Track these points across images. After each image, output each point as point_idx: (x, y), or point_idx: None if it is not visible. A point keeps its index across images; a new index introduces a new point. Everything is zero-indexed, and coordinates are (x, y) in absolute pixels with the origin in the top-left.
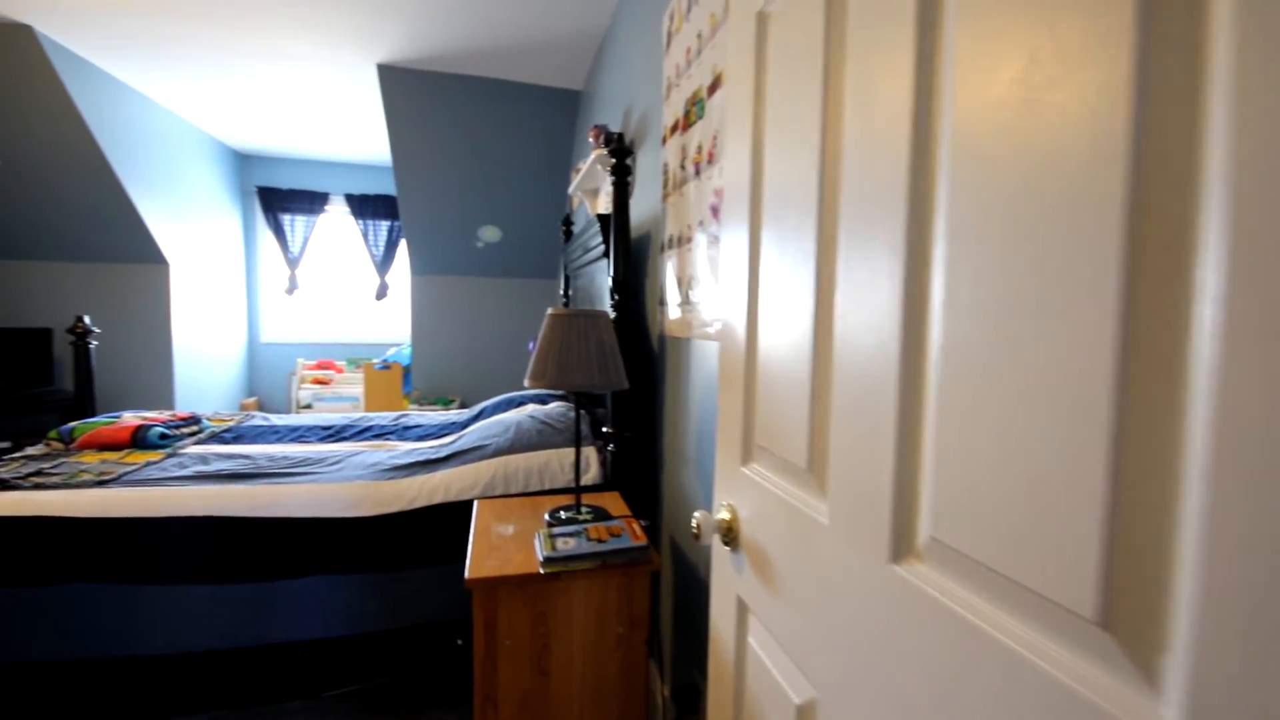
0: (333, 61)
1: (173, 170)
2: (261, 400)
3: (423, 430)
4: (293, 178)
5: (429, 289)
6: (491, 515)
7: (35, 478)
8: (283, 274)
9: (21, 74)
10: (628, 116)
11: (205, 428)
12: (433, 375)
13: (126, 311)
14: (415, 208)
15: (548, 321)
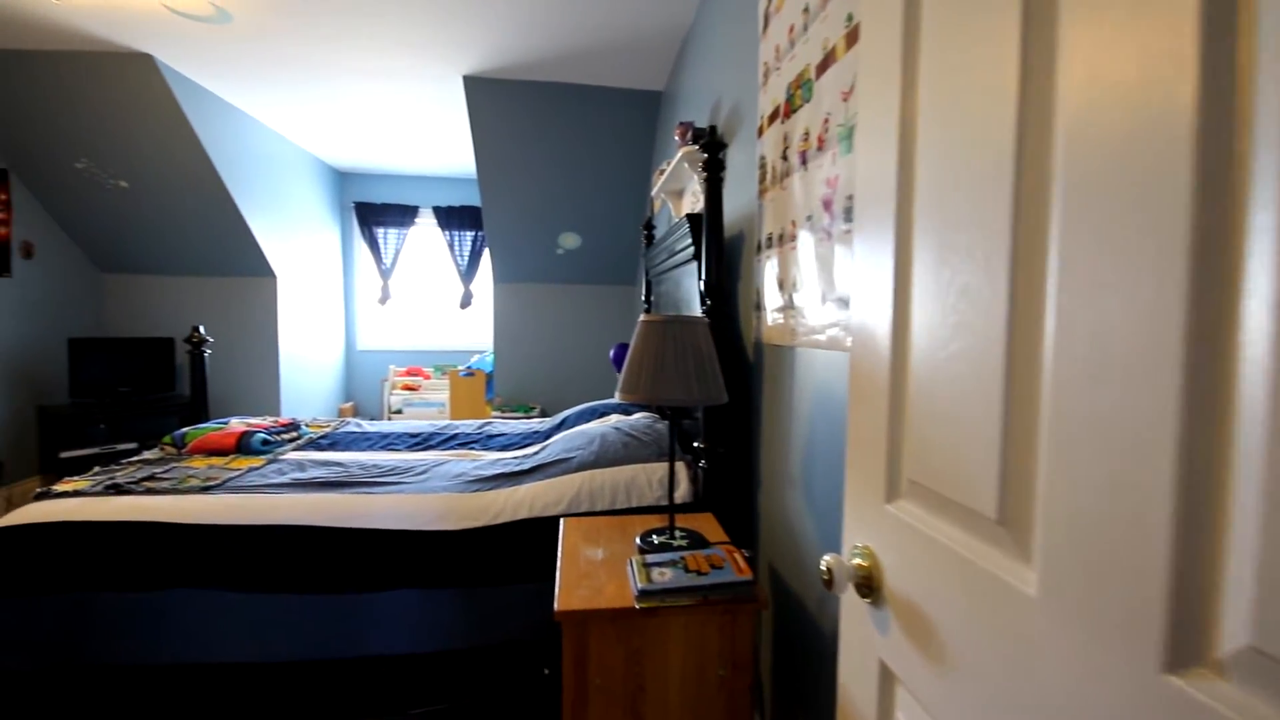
0: (422, 76)
1: (280, 188)
2: (357, 405)
3: (506, 439)
4: (386, 192)
5: (511, 296)
6: (579, 536)
7: (147, 482)
8: (376, 284)
9: (144, 100)
10: (716, 111)
11: (304, 434)
12: (514, 382)
13: (238, 322)
14: (498, 216)
15: (640, 329)
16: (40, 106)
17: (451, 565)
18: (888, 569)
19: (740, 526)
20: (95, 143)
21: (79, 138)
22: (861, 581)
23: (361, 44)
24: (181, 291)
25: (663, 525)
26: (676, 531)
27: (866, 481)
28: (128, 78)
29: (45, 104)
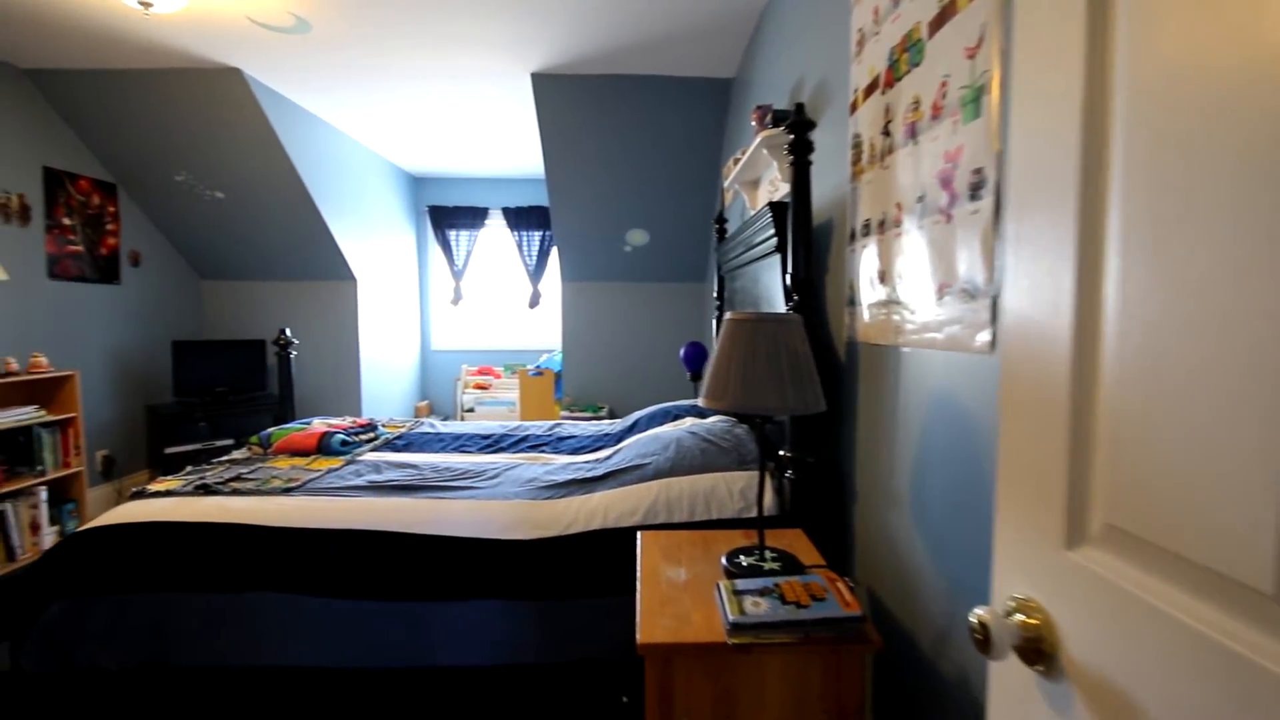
0: (492, 75)
1: (359, 194)
2: (432, 404)
3: (576, 442)
4: (457, 195)
5: (578, 295)
6: (658, 552)
7: (234, 483)
8: (449, 286)
9: (235, 113)
10: (796, 92)
11: (380, 434)
12: (582, 382)
13: (322, 324)
14: (565, 215)
15: (727, 329)
16: (144, 123)
17: (523, 576)
18: (1068, 633)
19: (832, 546)
20: (193, 156)
21: (178, 152)
22: (1028, 645)
23: (433, 46)
24: (271, 295)
25: (750, 544)
26: (767, 552)
27: (1032, 518)
28: (219, 92)
29: (148, 121)
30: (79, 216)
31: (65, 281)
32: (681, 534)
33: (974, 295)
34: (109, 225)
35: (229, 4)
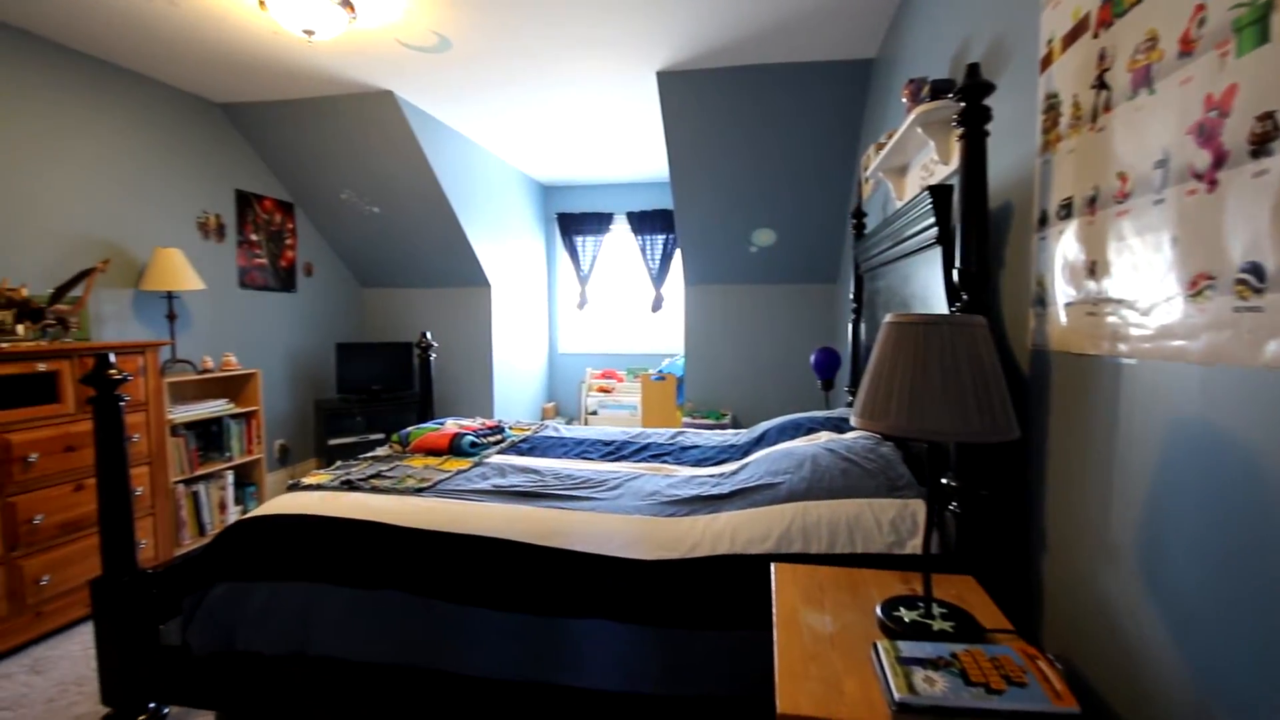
0: (617, 77)
1: (494, 205)
2: (558, 405)
3: (700, 453)
4: (583, 202)
5: (702, 298)
6: (796, 591)
7: (374, 480)
8: (575, 290)
9: (388, 133)
10: (959, 60)
11: (507, 436)
12: (705, 387)
13: (459, 328)
14: (689, 216)
15: (887, 334)
16: (314, 147)
17: (643, 598)
18: None
19: (1012, 601)
20: (354, 175)
21: (342, 171)
22: None
23: (560, 51)
24: (417, 301)
25: (911, 592)
26: (935, 606)
27: None
28: (375, 114)
29: (318, 144)
30: (264, 233)
31: (252, 290)
32: (823, 570)
33: (1262, 288)
34: (288, 240)
35: (380, 28)
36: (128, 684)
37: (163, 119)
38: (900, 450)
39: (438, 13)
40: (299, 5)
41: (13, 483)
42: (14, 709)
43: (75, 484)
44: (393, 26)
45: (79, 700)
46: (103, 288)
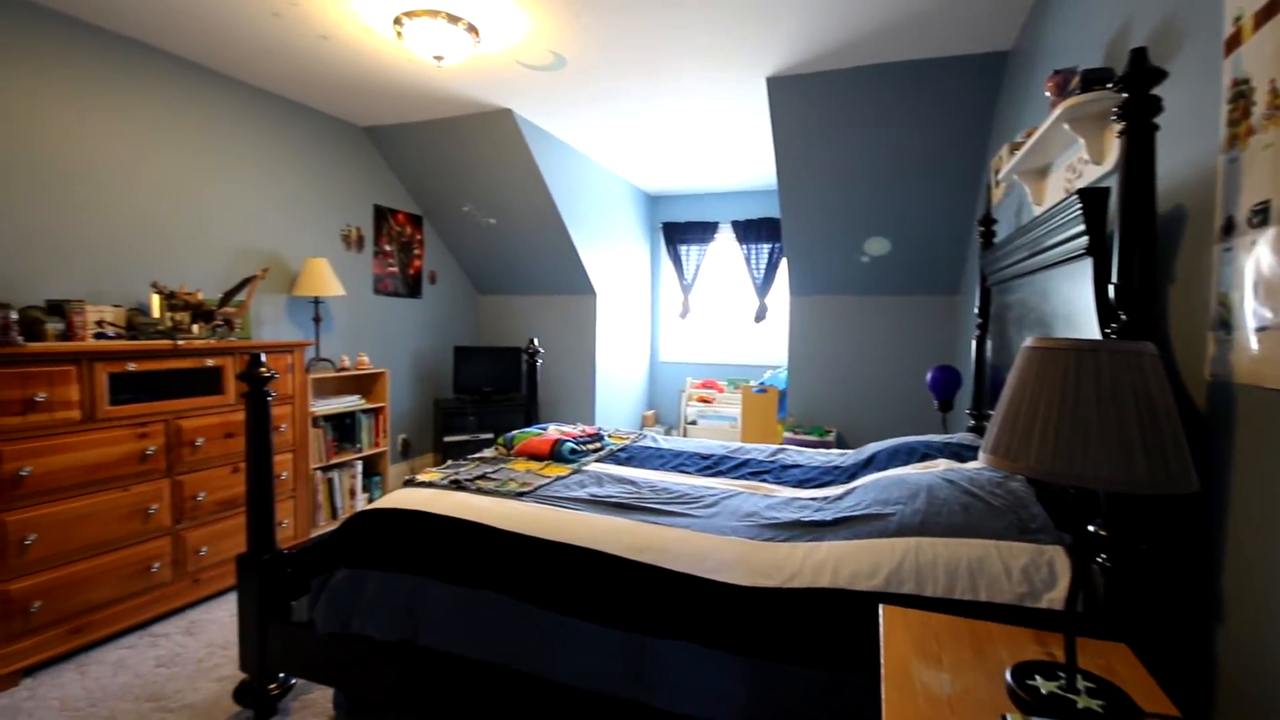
0: (724, 84)
1: (601, 214)
2: (658, 413)
3: (802, 473)
4: (688, 211)
5: (808, 310)
6: (907, 638)
7: (480, 481)
8: (677, 299)
9: (506, 149)
10: (1118, 45)
11: (606, 445)
12: (808, 401)
13: (564, 334)
14: (797, 225)
15: (1029, 360)
16: (441, 164)
17: (734, 625)
18: None
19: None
20: (475, 189)
21: (464, 186)
22: None
23: (671, 61)
24: (527, 308)
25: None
26: (1079, 676)
27: None
28: (495, 131)
29: (444, 161)
30: (396, 243)
31: (384, 296)
32: (938, 618)
33: None
34: (416, 250)
35: (501, 51)
36: (262, 654)
37: (315, 142)
38: (1032, 486)
39: (555, 32)
40: (430, 34)
41: (182, 463)
42: (169, 666)
43: (233, 467)
44: (513, 49)
45: (223, 664)
46: (262, 293)
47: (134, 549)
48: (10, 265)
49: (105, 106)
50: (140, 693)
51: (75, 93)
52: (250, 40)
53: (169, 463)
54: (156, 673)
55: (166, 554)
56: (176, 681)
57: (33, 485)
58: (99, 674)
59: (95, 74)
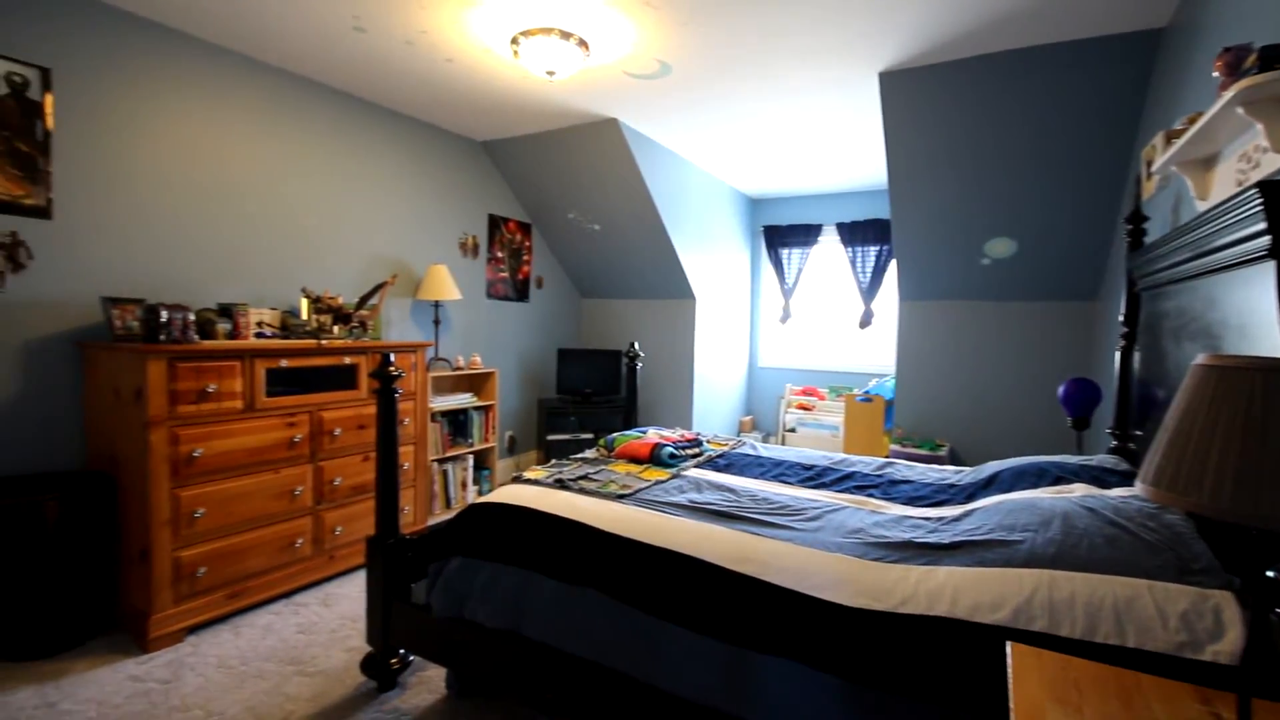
0: (832, 83)
1: (702, 219)
2: (755, 419)
3: (912, 489)
4: (791, 214)
5: (919, 315)
6: (1040, 684)
7: (582, 481)
8: (778, 304)
9: (611, 157)
10: None
11: (704, 450)
12: (918, 413)
13: (663, 338)
14: (909, 226)
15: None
16: (549, 173)
17: (839, 648)
18: None
19: None
20: (580, 196)
21: (570, 194)
22: None
23: (778, 62)
24: (627, 312)
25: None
26: None
27: None
28: (600, 141)
29: (552, 171)
30: (507, 250)
31: (495, 300)
32: (1078, 664)
33: None
34: (524, 256)
35: (609, 63)
36: (386, 631)
37: (438, 157)
38: (1192, 520)
39: (661, 41)
40: (544, 50)
41: (323, 450)
42: (307, 633)
43: (364, 456)
44: (620, 60)
45: (352, 635)
46: (391, 297)
47: (282, 525)
48: (189, 273)
49: (264, 132)
50: (283, 656)
51: (240, 121)
52: (384, 66)
53: (312, 450)
54: (297, 638)
55: (308, 532)
56: (314, 648)
57: (203, 465)
58: (250, 635)
59: (254, 103)
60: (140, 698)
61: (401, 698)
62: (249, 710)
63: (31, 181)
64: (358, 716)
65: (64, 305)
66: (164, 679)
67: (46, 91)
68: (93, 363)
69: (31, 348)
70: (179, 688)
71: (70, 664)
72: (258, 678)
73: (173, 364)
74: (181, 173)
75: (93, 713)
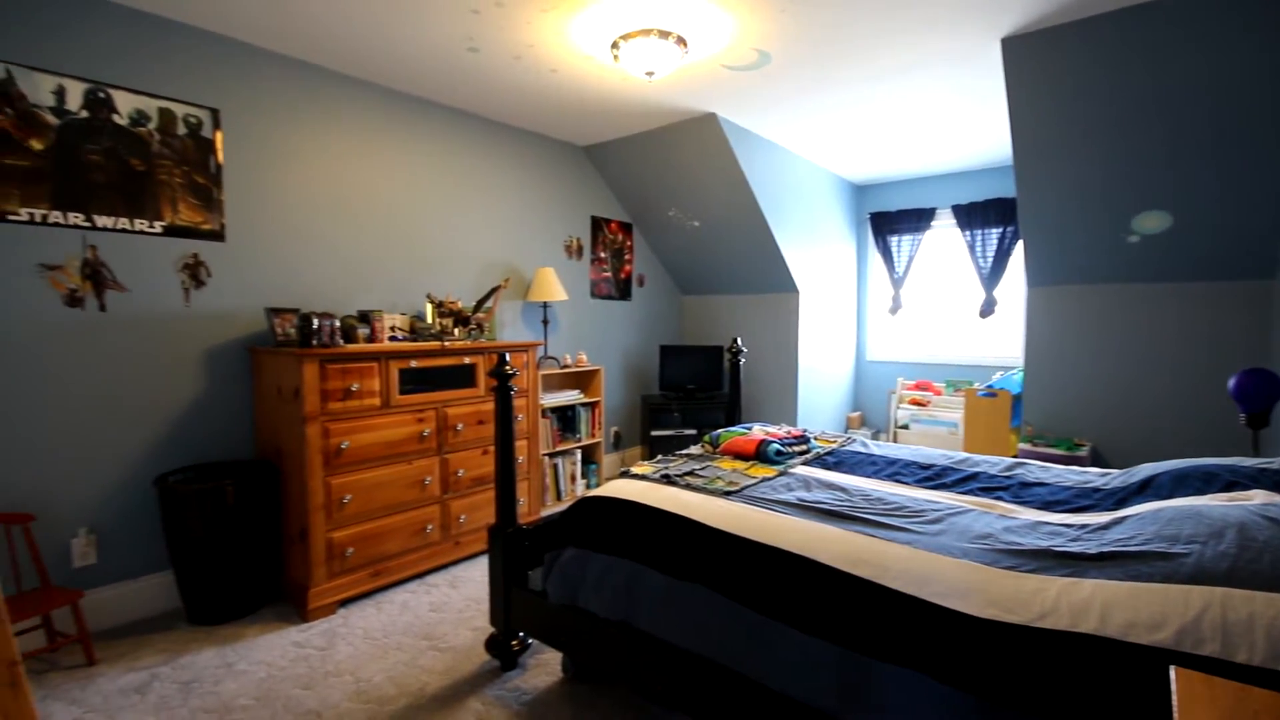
0: (947, 55)
1: (804, 209)
2: (864, 415)
3: (1048, 493)
4: (900, 199)
5: (1052, 301)
6: (1213, 717)
7: (688, 477)
8: (887, 294)
9: (710, 152)
10: None
11: (812, 448)
12: (1052, 409)
13: (765, 333)
14: (1039, 204)
15: None
16: (649, 173)
17: (966, 661)
18: None
19: None
20: (680, 193)
21: (670, 192)
22: None
23: (886, 40)
24: (728, 307)
25: None
26: None
27: None
28: (699, 137)
29: (652, 170)
30: (609, 250)
31: (599, 299)
32: (1259, 695)
33: None
34: (626, 256)
35: (706, 58)
36: (507, 614)
37: (544, 163)
38: None
39: (759, 30)
40: (644, 51)
41: (448, 444)
42: (438, 611)
43: (482, 449)
44: (718, 54)
45: (476, 616)
46: (504, 300)
47: (414, 512)
48: (335, 284)
49: (390, 153)
50: (418, 631)
51: (371, 144)
52: (494, 82)
53: (438, 443)
54: (429, 616)
55: (436, 518)
56: (443, 626)
57: (349, 456)
58: (390, 611)
59: (382, 126)
60: (301, 662)
61: (522, 678)
62: (390, 679)
63: (208, 209)
64: (484, 693)
65: (235, 316)
66: (320, 646)
67: (216, 129)
68: (259, 365)
69: (212, 353)
70: (332, 655)
71: (244, 629)
72: (397, 650)
73: (323, 365)
74: (326, 194)
75: (263, 673)
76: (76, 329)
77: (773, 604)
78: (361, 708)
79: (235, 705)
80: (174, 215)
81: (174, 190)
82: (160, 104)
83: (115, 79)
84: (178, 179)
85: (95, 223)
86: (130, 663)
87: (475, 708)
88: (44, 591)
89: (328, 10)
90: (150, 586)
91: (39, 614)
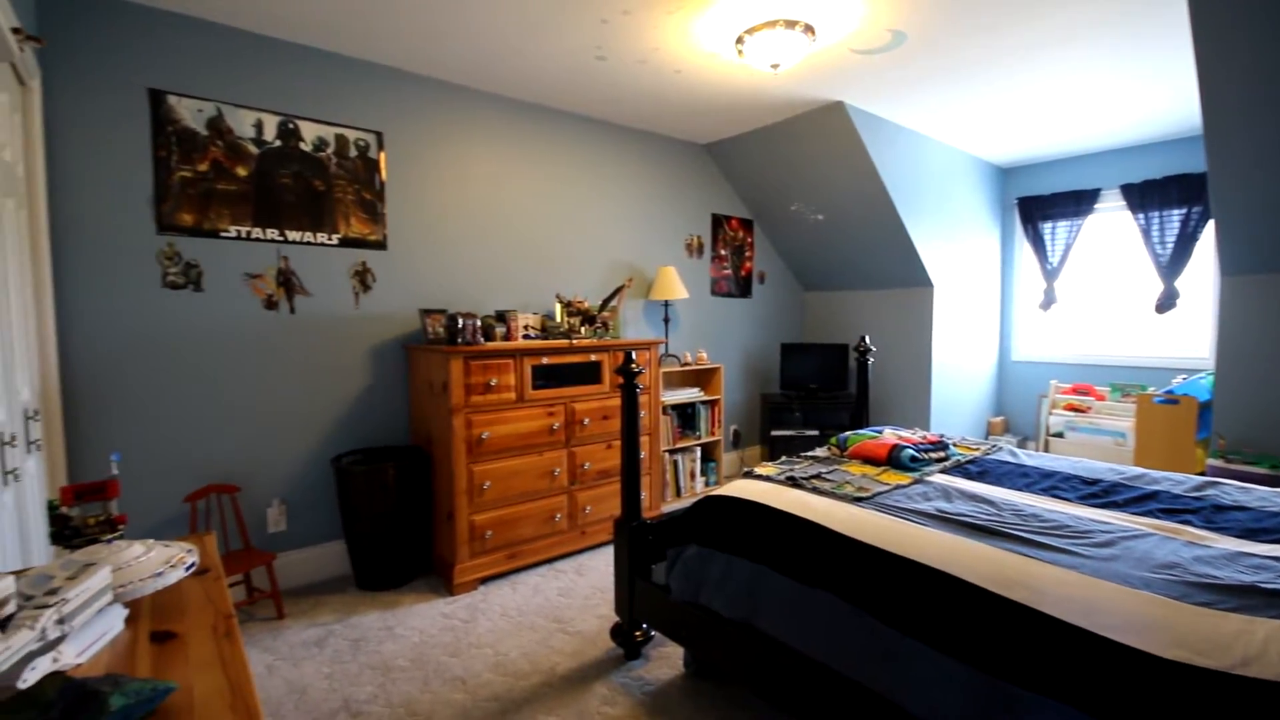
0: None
1: (939, 197)
2: (1008, 420)
3: (1251, 519)
4: (1054, 181)
5: (1250, 293)
6: None
7: (815, 480)
8: (1038, 288)
9: (836, 142)
10: None
11: (951, 455)
12: (1251, 419)
13: (895, 330)
14: (1236, 178)
15: None
16: (771, 168)
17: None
18: None
19: None
20: (803, 187)
21: (793, 185)
22: None
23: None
24: (853, 304)
25: None
26: None
27: None
28: (825, 127)
29: (774, 165)
30: (729, 248)
31: (719, 297)
32: None
33: None
34: (746, 253)
35: (834, 43)
36: (631, 605)
37: (665, 163)
38: None
39: (893, 8)
40: (770, 44)
41: (575, 437)
42: (566, 596)
43: (606, 444)
44: (847, 38)
45: (601, 604)
46: (628, 299)
47: (545, 501)
48: (476, 286)
49: (524, 162)
50: (549, 614)
51: (507, 155)
52: (619, 87)
53: (567, 436)
54: (558, 600)
55: (564, 508)
56: (571, 610)
57: (488, 446)
58: (523, 592)
59: (516, 137)
60: (448, 631)
61: (644, 668)
62: (524, 656)
63: (374, 222)
64: (609, 679)
65: (395, 316)
66: (464, 618)
67: (380, 150)
68: (414, 361)
69: (375, 350)
70: (474, 627)
71: (401, 597)
72: (530, 629)
73: (467, 362)
74: (470, 204)
75: (416, 639)
76: (273, 329)
77: (906, 619)
78: (500, 679)
79: (395, 665)
80: (347, 228)
81: (347, 206)
82: (336, 130)
83: (301, 111)
84: (350, 196)
85: (286, 237)
86: (311, 619)
87: (601, 692)
88: (246, 552)
89: (472, 33)
90: (327, 553)
91: (241, 572)
